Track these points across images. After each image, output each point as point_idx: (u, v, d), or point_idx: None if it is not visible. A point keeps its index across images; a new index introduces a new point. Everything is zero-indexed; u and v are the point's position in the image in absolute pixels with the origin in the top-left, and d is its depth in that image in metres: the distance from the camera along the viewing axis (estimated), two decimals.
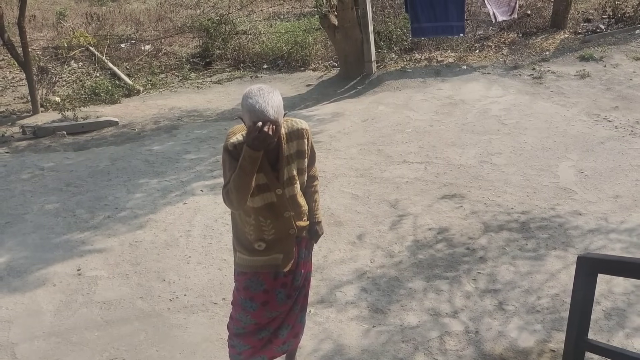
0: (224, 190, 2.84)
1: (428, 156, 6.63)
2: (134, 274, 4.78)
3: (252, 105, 2.64)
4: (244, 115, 2.73)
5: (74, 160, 7.31)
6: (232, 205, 2.86)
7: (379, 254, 4.83)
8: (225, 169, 2.87)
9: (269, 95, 2.66)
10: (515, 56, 10.21)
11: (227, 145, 2.86)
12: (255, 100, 2.65)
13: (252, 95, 2.66)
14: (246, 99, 2.68)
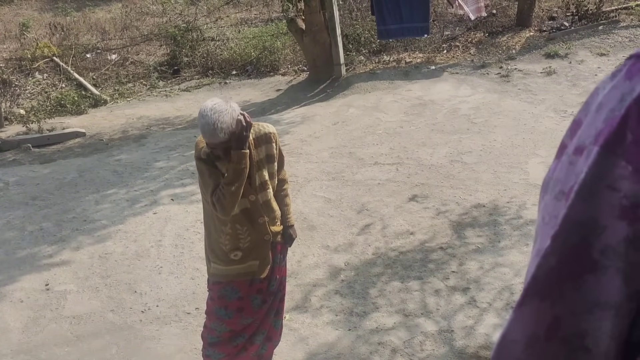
0: (214, 197, 2.82)
1: (399, 157, 6.63)
2: (104, 287, 4.69)
3: (203, 125, 2.68)
4: None
5: (40, 173, 7.16)
6: (224, 211, 2.84)
7: (353, 257, 4.80)
8: (205, 177, 2.86)
9: (220, 117, 2.66)
10: (483, 55, 10.30)
11: (200, 155, 2.85)
12: (206, 121, 2.67)
13: (204, 114, 2.69)
14: (200, 117, 2.73)
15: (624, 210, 0.67)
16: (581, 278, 0.70)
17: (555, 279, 0.71)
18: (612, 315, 0.70)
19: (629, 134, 0.66)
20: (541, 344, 0.74)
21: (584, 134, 0.71)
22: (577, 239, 0.70)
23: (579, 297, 0.70)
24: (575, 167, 0.71)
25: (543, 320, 0.73)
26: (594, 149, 0.68)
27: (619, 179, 0.67)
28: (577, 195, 0.69)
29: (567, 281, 0.71)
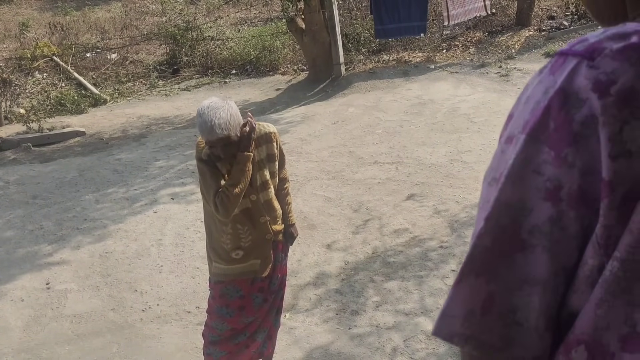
0: (217, 200, 2.83)
1: (399, 156, 6.64)
2: (104, 286, 4.70)
3: (202, 123, 2.71)
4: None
5: (40, 172, 7.17)
6: (227, 212, 2.86)
7: (353, 256, 4.81)
8: (207, 179, 2.87)
9: (218, 114, 2.69)
10: (482, 55, 10.31)
11: (201, 156, 2.86)
12: (204, 119, 2.69)
13: (202, 113, 2.72)
14: (198, 116, 2.75)
15: (548, 192, 0.73)
16: (512, 256, 0.76)
17: (489, 258, 0.77)
18: (540, 291, 0.75)
19: (551, 122, 0.72)
20: (477, 319, 0.78)
21: (514, 124, 0.77)
22: (508, 220, 0.76)
23: (511, 274, 0.76)
24: (506, 154, 0.77)
25: (478, 296, 0.78)
26: (521, 137, 0.74)
27: (542, 164, 0.73)
28: (507, 180, 0.75)
29: (499, 259, 0.76)
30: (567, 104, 0.72)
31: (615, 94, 0.69)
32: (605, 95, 0.69)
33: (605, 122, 0.69)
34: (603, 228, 0.71)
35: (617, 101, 0.69)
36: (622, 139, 0.69)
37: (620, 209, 0.70)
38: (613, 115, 0.69)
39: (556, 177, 0.72)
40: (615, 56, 0.70)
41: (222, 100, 2.77)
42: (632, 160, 0.69)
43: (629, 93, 0.68)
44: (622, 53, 0.70)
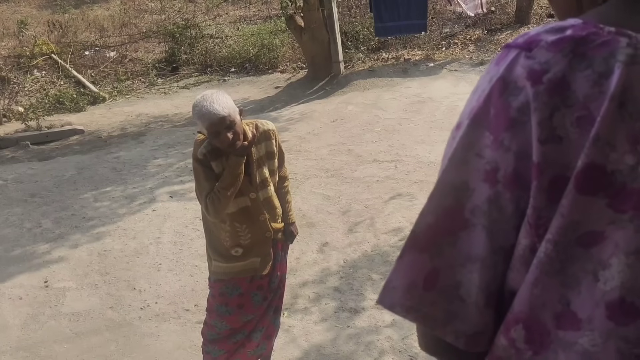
0: (207, 200, 2.82)
1: (398, 154, 6.63)
2: (103, 284, 4.69)
3: (199, 111, 2.69)
4: (198, 124, 2.77)
5: (38, 171, 7.17)
6: (216, 213, 2.85)
7: (351, 254, 4.81)
8: (200, 179, 2.86)
9: (214, 96, 2.70)
10: (481, 52, 10.30)
11: (197, 155, 2.85)
12: (201, 105, 2.69)
13: (197, 104, 2.71)
14: (194, 109, 2.73)
15: (487, 173, 0.77)
16: (456, 234, 0.80)
17: (433, 235, 0.82)
18: (479, 267, 0.80)
19: (492, 108, 0.77)
20: (419, 292, 0.83)
21: (463, 113, 0.82)
22: (451, 200, 0.80)
23: (455, 251, 0.81)
24: (454, 140, 0.82)
25: (421, 270, 0.82)
26: (466, 122, 0.79)
27: (484, 147, 0.77)
28: (450, 162, 0.80)
29: (444, 237, 0.81)
30: (506, 92, 0.76)
31: (547, 82, 0.73)
32: (537, 83, 0.73)
33: (537, 108, 0.73)
34: (533, 209, 0.75)
35: (548, 89, 0.73)
36: (552, 125, 0.73)
37: (549, 192, 0.74)
38: (544, 102, 0.73)
39: (494, 160, 0.77)
40: (549, 47, 0.74)
41: (214, 90, 2.78)
42: (561, 145, 0.73)
43: (560, 82, 0.73)
44: (556, 45, 0.74)
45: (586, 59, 0.72)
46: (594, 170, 0.71)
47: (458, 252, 0.81)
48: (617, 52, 0.72)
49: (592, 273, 0.74)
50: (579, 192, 0.72)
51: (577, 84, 0.72)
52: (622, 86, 0.70)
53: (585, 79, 0.72)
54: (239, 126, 2.78)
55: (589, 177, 0.72)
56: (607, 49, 0.72)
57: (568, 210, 0.72)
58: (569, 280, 0.75)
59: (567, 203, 0.72)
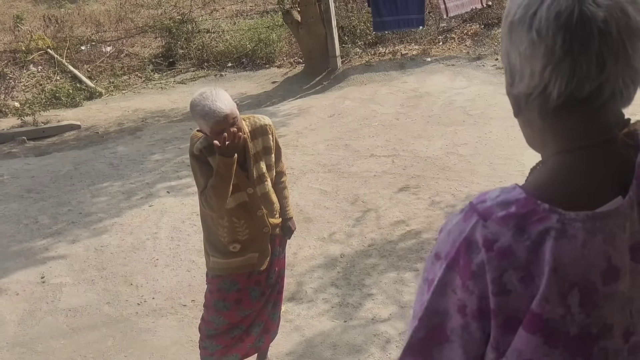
0: (203, 197, 2.83)
1: (395, 149, 6.63)
2: (100, 279, 4.69)
3: (202, 110, 2.67)
4: (199, 124, 2.76)
5: (35, 166, 7.15)
6: (213, 210, 2.87)
7: (349, 248, 4.81)
8: (197, 175, 2.87)
9: (214, 95, 2.68)
10: (478, 47, 10.29)
11: (193, 151, 2.85)
12: (203, 104, 2.66)
13: (198, 103, 2.69)
14: (194, 108, 2.72)
15: (459, 307, 1.00)
16: (441, 345, 1.04)
17: (424, 345, 1.06)
18: None
19: (461, 260, 0.99)
20: None
21: (441, 246, 1.04)
22: (437, 320, 1.03)
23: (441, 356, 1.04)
24: (435, 266, 1.04)
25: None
26: (444, 264, 1.01)
27: (456, 287, 0.99)
28: (434, 293, 1.02)
29: (432, 347, 1.05)
30: (469, 250, 0.97)
31: (496, 249, 0.95)
32: (489, 250, 0.95)
33: (489, 269, 0.95)
34: (493, 337, 0.99)
35: (498, 255, 0.94)
36: (502, 282, 0.94)
37: (503, 328, 0.97)
38: (494, 265, 0.94)
39: (463, 299, 0.99)
40: (498, 221, 0.95)
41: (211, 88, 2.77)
42: (509, 296, 0.95)
43: (507, 249, 0.94)
44: (503, 220, 0.95)
45: (526, 232, 0.94)
46: (535, 317, 0.94)
47: (444, 357, 1.04)
48: (548, 228, 0.92)
49: None
50: (525, 331, 0.95)
51: (519, 251, 0.93)
52: (554, 256, 0.91)
53: (525, 248, 0.93)
54: (240, 120, 2.78)
55: (531, 322, 0.94)
56: (542, 224, 0.93)
57: (517, 342, 0.96)
58: None
59: (517, 337, 0.96)
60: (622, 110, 1.01)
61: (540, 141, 1.05)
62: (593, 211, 0.93)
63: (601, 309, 0.94)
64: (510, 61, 1.01)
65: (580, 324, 0.94)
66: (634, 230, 0.95)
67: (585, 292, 0.93)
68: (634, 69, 0.95)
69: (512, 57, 1.01)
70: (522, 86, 1.00)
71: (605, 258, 0.93)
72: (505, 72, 1.05)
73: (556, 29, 0.92)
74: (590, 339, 0.95)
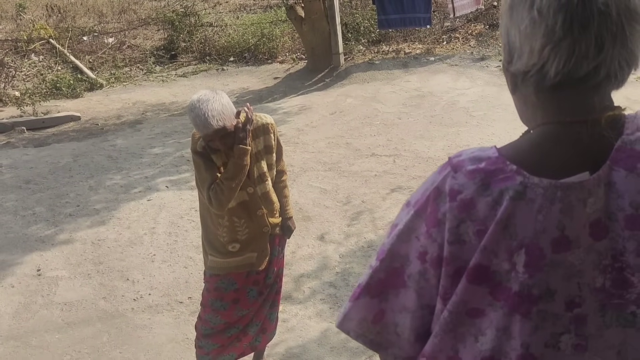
0: (212, 192, 2.78)
1: (396, 149, 6.59)
2: (96, 274, 4.65)
3: (195, 118, 2.65)
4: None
5: (34, 157, 7.10)
6: (221, 205, 2.83)
7: (348, 249, 4.77)
8: (202, 170, 2.83)
9: (208, 104, 2.64)
10: (482, 48, 10.24)
11: (196, 148, 2.82)
12: (197, 112, 2.64)
13: (193, 107, 2.66)
14: (190, 111, 2.69)
15: (420, 254, 1.05)
16: (397, 289, 1.09)
17: (382, 287, 1.10)
18: (410, 316, 1.09)
19: (429, 207, 1.03)
20: (368, 325, 1.13)
21: (414, 196, 1.09)
22: (397, 264, 1.08)
23: (396, 301, 1.10)
24: (403, 212, 1.09)
25: (371, 310, 1.12)
26: (412, 210, 1.06)
27: (420, 234, 1.04)
28: (398, 237, 1.07)
29: (390, 289, 1.09)
30: (437, 198, 1.02)
31: (459, 200, 0.99)
32: (452, 200, 0.99)
33: (449, 218, 0.99)
34: (442, 287, 1.03)
35: (459, 206, 0.99)
36: (459, 232, 0.99)
37: (453, 277, 1.01)
38: (454, 215, 0.99)
39: (425, 245, 1.03)
40: (466, 174, 0.99)
41: (212, 91, 2.73)
42: (463, 247, 0.99)
43: (469, 202, 0.98)
44: (471, 173, 0.99)
45: (489, 188, 0.97)
46: (481, 269, 0.98)
47: (398, 301, 1.09)
48: (510, 188, 0.96)
49: (474, 335, 1.03)
50: (469, 282, 0.99)
51: (480, 205, 0.97)
52: (507, 214, 0.95)
53: (486, 203, 0.97)
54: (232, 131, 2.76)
55: (477, 273, 0.99)
56: (505, 183, 0.96)
57: (461, 292, 1.00)
58: (458, 337, 1.04)
59: (461, 287, 1.00)
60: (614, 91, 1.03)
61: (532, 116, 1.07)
62: (557, 180, 0.95)
63: (546, 274, 0.97)
64: (510, 39, 1.01)
65: (522, 283, 0.97)
66: (597, 209, 0.96)
67: (532, 254, 0.96)
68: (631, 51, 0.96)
69: (511, 35, 1.01)
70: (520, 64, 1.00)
71: (558, 227, 0.95)
72: (503, 49, 1.06)
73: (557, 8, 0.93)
74: (530, 299, 0.98)
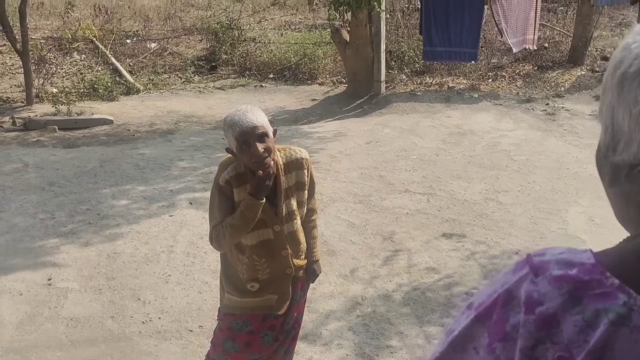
0: (214, 232, 2.58)
1: (431, 187, 6.32)
2: (107, 289, 4.45)
3: (230, 120, 2.48)
4: (227, 137, 2.55)
5: (61, 158, 7.00)
6: (221, 248, 2.64)
7: (371, 291, 4.50)
8: (214, 207, 2.62)
9: (248, 107, 2.52)
10: (529, 89, 9.93)
11: (219, 180, 2.60)
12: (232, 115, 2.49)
13: (228, 115, 2.51)
14: (225, 120, 2.52)
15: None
16: None
17: None
18: None
19: (495, 314, 0.82)
20: None
21: (477, 296, 0.88)
22: None
23: None
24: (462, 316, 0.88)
25: None
26: (473, 314, 0.85)
27: (479, 346, 0.83)
28: (451, 345, 0.87)
29: None
30: (508, 305, 0.81)
31: (538, 314, 0.77)
32: (529, 312, 0.78)
33: (522, 334, 0.78)
34: None
35: (537, 321, 0.77)
36: (534, 355, 0.77)
37: None
38: (530, 331, 0.77)
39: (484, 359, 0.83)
40: (551, 281, 0.78)
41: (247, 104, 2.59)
42: None
43: (551, 318, 0.76)
44: (558, 281, 0.78)
45: (580, 304, 0.76)
46: None
47: None
48: (610, 308, 0.74)
49: None
50: None
51: (566, 324, 0.76)
52: (603, 343, 0.73)
53: (573, 323, 0.75)
54: (272, 142, 2.53)
55: None
56: (603, 302, 0.74)
57: None
58: None
59: None
60: None
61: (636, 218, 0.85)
62: None
63: None
64: (615, 121, 0.82)
65: None
66: None
67: None
68: None
69: (618, 117, 0.82)
70: (627, 154, 0.81)
71: None
72: (604, 132, 0.85)
73: None
74: None
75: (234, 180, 2.59)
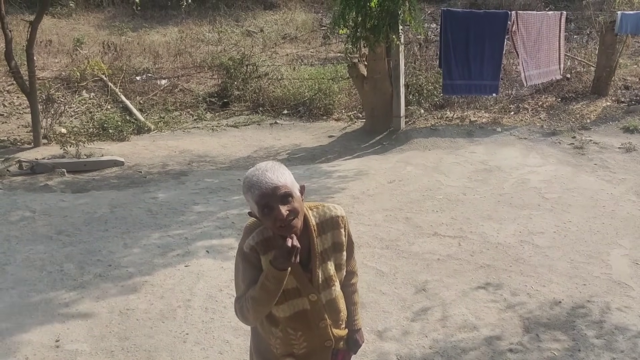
0: (237, 304, 2.25)
1: (462, 230, 5.94)
2: (120, 351, 4.09)
3: (249, 181, 2.17)
4: (247, 201, 2.22)
5: (70, 204, 6.67)
6: (247, 322, 2.29)
7: (406, 348, 4.12)
8: (239, 277, 2.30)
9: (269, 165, 2.21)
10: (554, 122, 9.59)
11: (243, 247, 2.26)
12: (251, 175, 2.19)
13: (248, 174, 2.20)
14: (244, 181, 2.21)
15: None
16: None
17: None
18: None
19: None
20: None
21: None
22: None
23: None
24: None
25: None
26: None
27: None
28: None
29: None
30: None
31: None
32: None
33: None
34: None
35: None
36: None
37: None
38: None
39: None
40: None
41: (272, 162, 2.27)
42: None
43: None
44: None
45: None
46: None
47: None
48: None
49: None
50: None
51: None
52: None
53: None
54: (298, 202, 2.19)
55: None
56: None
57: None
58: None
59: None
60: None
61: None
62: None
63: None
64: None
65: None
66: None
67: None
68: None
69: None
70: None
71: None
72: None
73: None
74: None
75: (260, 246, 2.27)
